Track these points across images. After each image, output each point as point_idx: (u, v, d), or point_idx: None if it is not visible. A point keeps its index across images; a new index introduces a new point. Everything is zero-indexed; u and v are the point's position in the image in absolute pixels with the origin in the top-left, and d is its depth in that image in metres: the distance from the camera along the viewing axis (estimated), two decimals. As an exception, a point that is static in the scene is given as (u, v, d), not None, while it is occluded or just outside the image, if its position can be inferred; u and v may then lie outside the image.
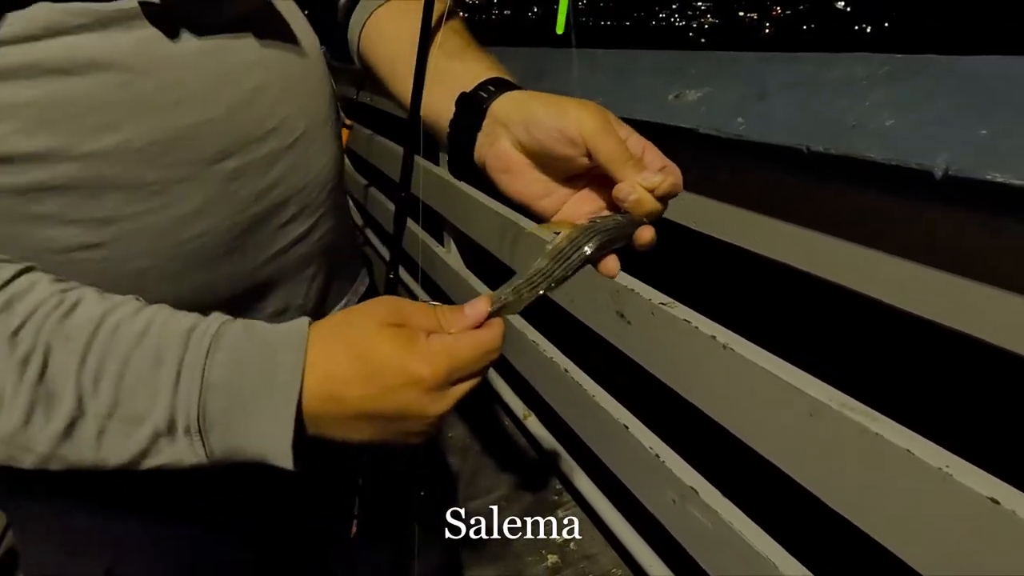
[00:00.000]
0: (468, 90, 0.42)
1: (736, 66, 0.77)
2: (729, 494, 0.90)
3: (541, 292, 0.37)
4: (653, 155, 0.39)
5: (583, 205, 0.40)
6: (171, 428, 0.31)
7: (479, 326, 0.34)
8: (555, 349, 1.29)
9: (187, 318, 0.33)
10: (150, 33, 0.36)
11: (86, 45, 0.34)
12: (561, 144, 0.37)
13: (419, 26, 0.43)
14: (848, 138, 0.55)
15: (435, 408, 0.33)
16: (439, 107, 0.44)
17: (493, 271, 1.52)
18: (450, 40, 0.46)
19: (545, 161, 0.40)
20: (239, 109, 0.39)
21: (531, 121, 0.38)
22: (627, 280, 0.98)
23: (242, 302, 0.44)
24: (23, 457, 0.31)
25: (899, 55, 0.60)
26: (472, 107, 0.41)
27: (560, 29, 0.46)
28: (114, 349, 0.30)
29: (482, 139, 0.41)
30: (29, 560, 0.50)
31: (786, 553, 0.81)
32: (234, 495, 0.49)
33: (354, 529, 0.46)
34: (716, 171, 0.76)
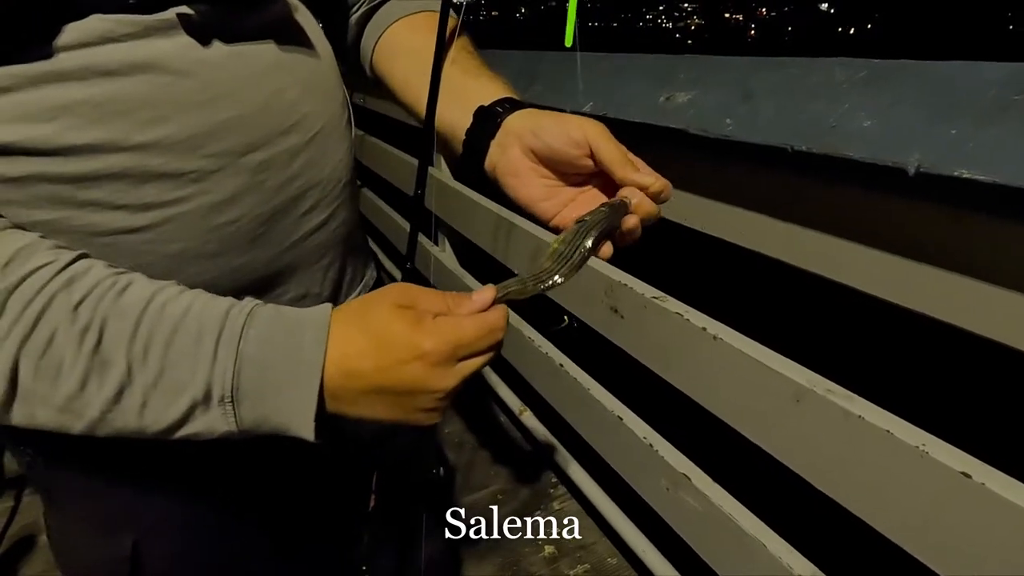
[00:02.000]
0: (486, 104, 0.47)
1: (723, 70, 0.80)
2: (720, 479, 0.94)
3: (543, 287, 0.40)
4: (644, 166, 0.44)
5: (580, 209, 0.45)
6: (207, 397, 0.34)
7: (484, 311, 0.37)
8: (550, 345, 1.32)
9: (225, 300, 0.36)
10: (186, 40, 0.39)
11: (133, 51, 0.37)
12: (568, 146, 0.43)
13: (431, 43, 0.47)
14: (828, 138, 0.59)
15: (442, 383, 0.35)
16: (454, 119, 0.49)
17: (487, 270, 1.55)
18: (465, 60, 0.51)
19: (553, 163, 0.45)
20: (264, 107, 0.43)
21: (541, 128, 0.44)
22: (620, 275, 1.02)
23: (266, 287, 0.47)
24: (74, 423, 0.34)
25: (876, 60, 0.64)
26: (489, 119, 0.46)
27: (568, 42, 0.50)
28: (162, 325, 0.34)
29: (494, 147, 0.46)
30: (58, 537, 0.52)
31: (774, 534, 0.85)
32: (256, 477, 0.51)
33: (372, 502, 0.48)
34: (705, 170, 0.80)
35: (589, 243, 0.41)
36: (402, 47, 0.56)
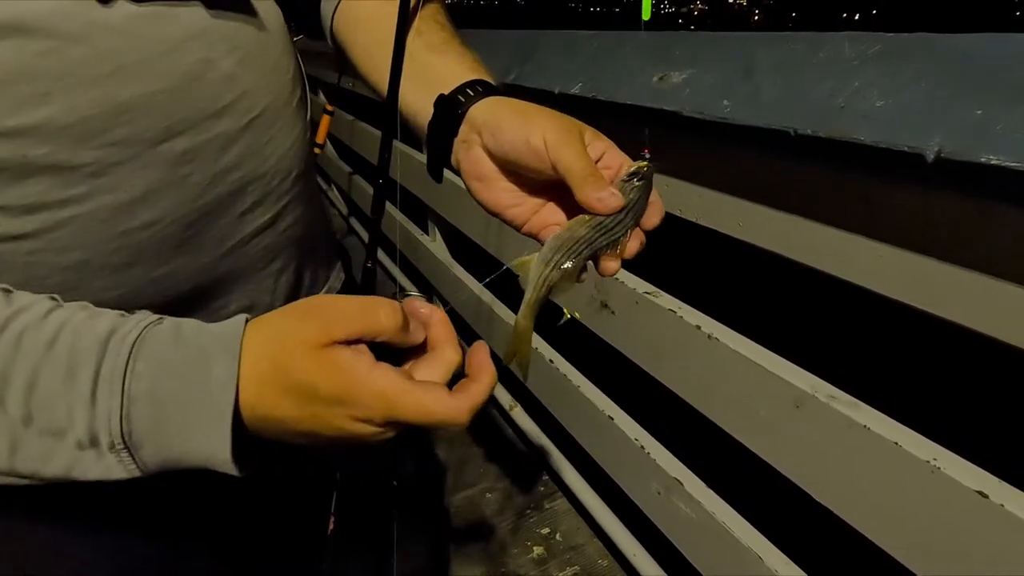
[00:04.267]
0: (447, 92, 0.40)
1: (722, 46, 0.74)
2: (713, 485, 0.89)
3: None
4: (627, 166, 0.37)
5: (553, 215, 0.39)
6: (94, 443, 0.28)
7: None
8: (540, 340, 1.27)
9: (105, 321, 0.29)
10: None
11: (5, 5, 0.30)
12: (526, 154, 0.36)
13: (395, 9, 0.40)
14: (837, 120, 0.53)
15: (378, 437, 0.30)
16: (417, 105, 0.42)
17: (478, 261, 1.49)
18: (431, 32, 0.44)
19: (512, 170, 0.38)
20: (185, 83, 0.36)
21: (498, 129, 0.37)
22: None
23: (200, 300, 0.41)
24: None
25: (889, 34, 0.58)
26: (449, 110, 0.40)
27: (646, 15, 0.43)
28: (19, 361, 0.27)
29: (458, 144, 0.40)
30: None
31: (770, 544, 0.80)
32: (199, 504, 0.46)
33: (331, 525, 0.43)
34: (702, 155, 0.74)
35: (555, 274, 0.36)
36: (363, 13, 0.48)
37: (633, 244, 0.36)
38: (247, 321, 0.30)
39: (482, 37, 1.22)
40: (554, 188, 0.38)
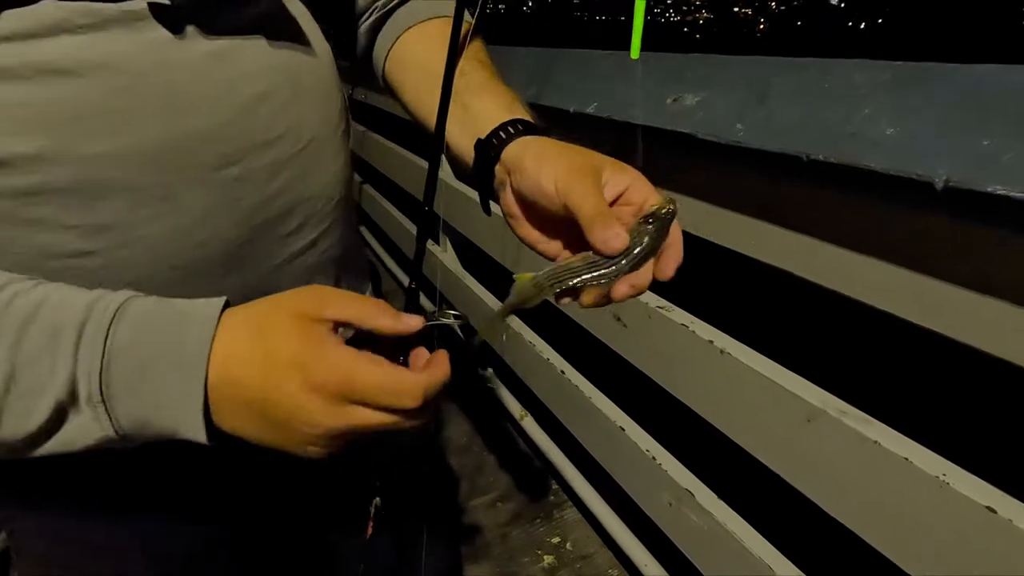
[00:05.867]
0: (483, 136, 0.42)
1: (735, 70, 0.76)
2: (724, 496, 0.90)
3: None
4: (653, 201, 0.37)
5: (577, 252, 0.39)
6: (74, 397, 0.29)
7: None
8: (552, 350, 1.29)
9: (92, 292, 0.31)
10: (157, 35, 0.35)
11: (90, 46, 0.33)
12: (540, 197, 0.37)
13: (442, 55, 0.42)
14: (847, 146, 0.55)
15: (324, 418, 0.30)
16: (461, 148, 0.45)
17: (489, 270, 1.52)
18: (473, 72, 0.45)
19: (532, 209, 0.40)
20: (244, 114, 0.38)
21: (520, 172, 0.39)
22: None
23: None
24: None
25: (900, 62, 0.60)
26: (485, 155, 0.42)
27: (635, 54, 0.44)
28: (8, 319, 0.29)
29: (496, 184, 0.42)
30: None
31: (781, 555, 0.82)
32: (224, 493, 0.48)
33: (369, 530, 0.45)
34: (716, 176, 0.76)
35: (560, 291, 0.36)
36: (413, 60, 0.51)
37: (622, 287, 0.35)
38: (227, 301, 0.32)
39: (500, 54, 1.24)
40: (578, 224, 0.40)
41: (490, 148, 0.41)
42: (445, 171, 1.70)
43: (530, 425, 1.52)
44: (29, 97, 0.32)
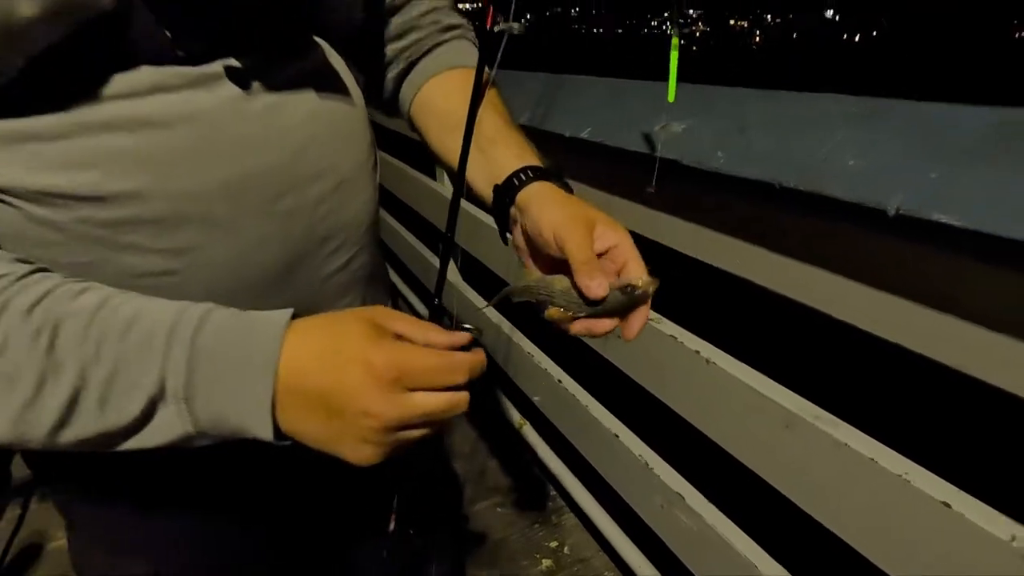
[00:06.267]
0: (500, 183, 0.48)
1: (719, 100, 0.82)
2: (713, 498, 0.95)
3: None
4: (633, 268, 0.42)
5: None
6: (162, 394, 0.33)
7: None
8: (550, 361, 1.34)
9: (181, 302, 0.36)
10: (230, 92, 0.41)
11: (179, 102, 0.39)
12: (540, 240, 0.43)
13: (462, 104, 0.48)
14: (815, 175, 0.61)
15: (382, 407, 0.33)
16: (480, 188, 0.51)
17: (492, 285, 1.57)
18: (489, 121, 0.51)
19: (535, 246, 0.46)
20: (296, 155, 0.45)
21: (527, 217, 0.45)
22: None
23: None
24: (33, 432, 0.33)
25: (866, 98, 0.66)
26: (501, 199, 0.48)
27: (672, 96, 0.50)
28: (114, 324, 0.33)
29: (511, 220, 0.48)
30: (79, 558, 0.54)
31: (765, 554, 0.86)
32: (264, 493, 0.54)
33: (392, 524, 0.49)
34: (699, 198, 0.82)
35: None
36: (436, 106, 0.57)
37: (578, 326, 0.41)
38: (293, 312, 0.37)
39: (502, 77, 1.30)
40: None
41: (505, 193, 0.47)
42: (446, 186, 1.76)
43: (530, 433, 1.57)
44: (129, 145, 0.37)
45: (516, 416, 1.60)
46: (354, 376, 0.33)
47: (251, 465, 0.49)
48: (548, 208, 0.44)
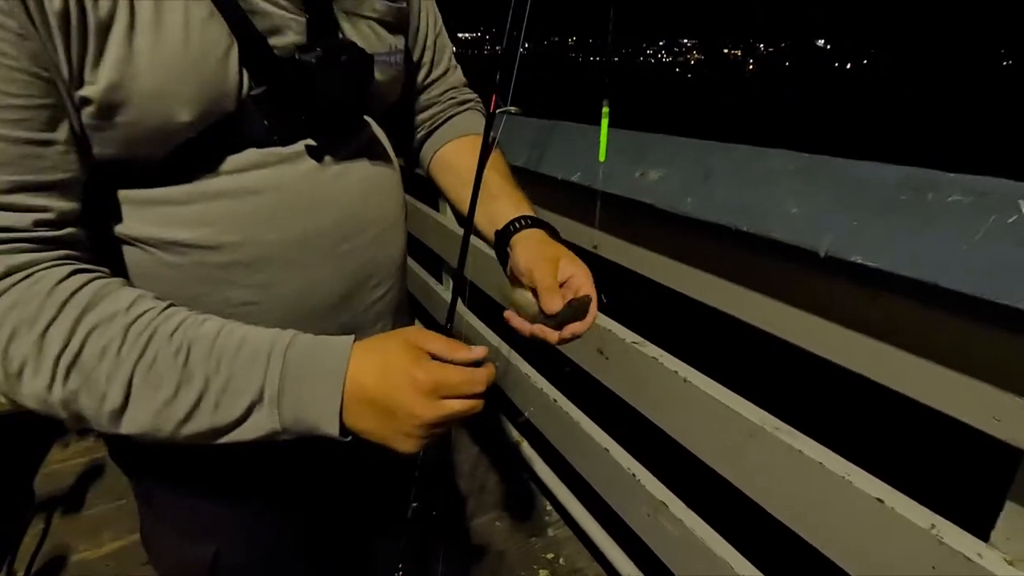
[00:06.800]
0: (500, 228, 0.62)
1: (688, 151, 0.94)
2: (693, 506, 1.05)
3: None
4: (584, 293, 0.56)
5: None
6: (261, 397, 0.42)
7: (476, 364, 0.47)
8: (545, 381, 1.44)
9: (271, 329, 0.45)
10: (308, 164, 0.53)
11: (274, 174, 0.50)
12: (518, 271, 0.58)
13: (471, 165, 0.60)
14: (763, 221, 0.73)
15: (423, 410, 0.42)
16: (485, 231, 0.65)
17: (487, 307, 1.68)
18: (492, 180, 0.64)
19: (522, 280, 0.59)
20: (354, 211, 0.57)
21: (513, 256, 0.59)
22: (606, 321, 1.14)
23: None
24: (164, 426, 0.41)
25: (808, 155, 0.78)
26: (501, 241, 0.62)
27: (602, 157, 0.64)
28: (230, 345, 0.43)
29: (508, 258, 0.62)
30: (151, 539, 0.64)
31: (742, 557, 0.96)
32: (304, 488, 0.64)
33: (411, 512, 0.59)
34: (673, 236, 0.93)
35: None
36: (451, 165, 0.72)
37: (534, 327, 0.56)
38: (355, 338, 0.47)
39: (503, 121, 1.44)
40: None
41: (504, 238, 0.61)
42: (448, 218, 1.89)
43: (527, 450, 1.66)
44: (236, 208, 0.49)
45: (514, 434, 1.70)
46: (403, 388, 0.43)
47: (295, 465, 0.60)
48: (526, 249, 0.58)
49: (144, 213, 0.47)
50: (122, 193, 0.47)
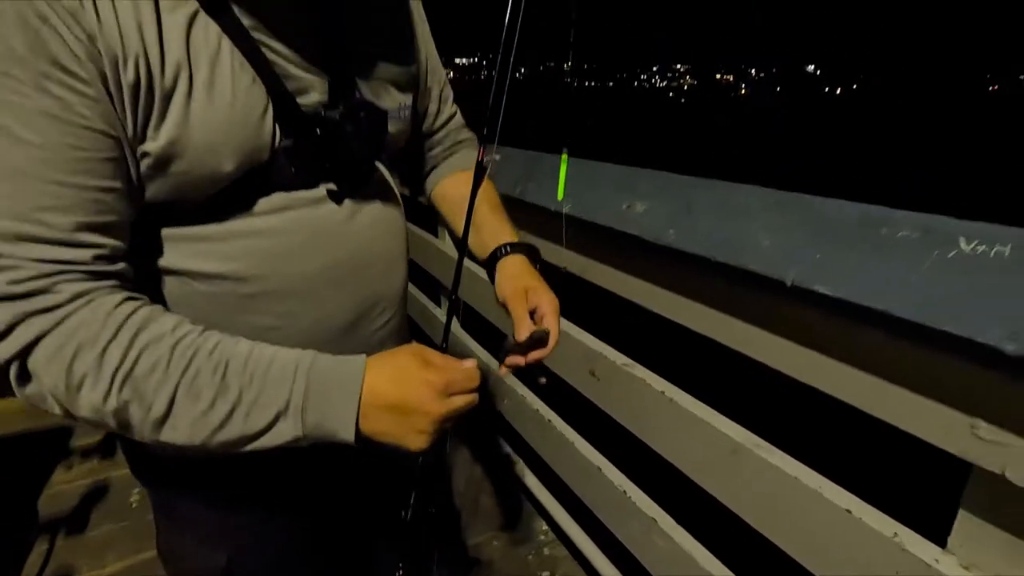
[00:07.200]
0: (487, 254, 0.70)
1: (672, 185, 1.01)
2: (680, 520, 1.09)
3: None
4: (550, 321, 0.65)
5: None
6: (287, 408, 0.48)
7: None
8: (540, 402, 1.49)
9: (295, 350, 0.51)
10: (329, 206, 0.60)
11: (298, 216, 0.57)
12: (500, 301, 0.66)
13: (467, 196, 0.66)
14: (739, 252, 0.79)
15: (436, 407, 0.49)
16: (476, 253, 0.73)
17: (484, 329, 1.73)
18: (482, 209, 0.73)
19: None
20: (367, 247, 0.63)
21: (496, 282, 0.68)
22: (598, 344, 1.20)
23: None
24: (201, 432, 0.46)
25: (781, 191, 0.85)
26: (491, 264, 0.70)
27: (560, 196, 0.72)
28: (261, 362, 0.49)
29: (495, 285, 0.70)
30: (166, 547, 0.69)
31: (727, 569, 1.00)
32: (313, 496, 0.69)
33: (409, 514, 0.64)
34: (657, 266, 1.00)
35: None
36: (450, 196, 0.81)
37: (509, 360, 0.63)
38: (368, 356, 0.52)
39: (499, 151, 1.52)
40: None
41: (491, 264, 0.69)
42: (447, 244, 1.96)
43: (522, 470, 1.70)
44: (265, 245, 0.56)
45: (511, 453, 1.74)
46: (418, 390, 0.49)
47: (306, 471, 0.65)
48: (504, 279, 0.67)
49: (184, 248, 0.54)
50: (166, 231, 0.54)
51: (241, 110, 0.50)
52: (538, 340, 0.64)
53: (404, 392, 0.49)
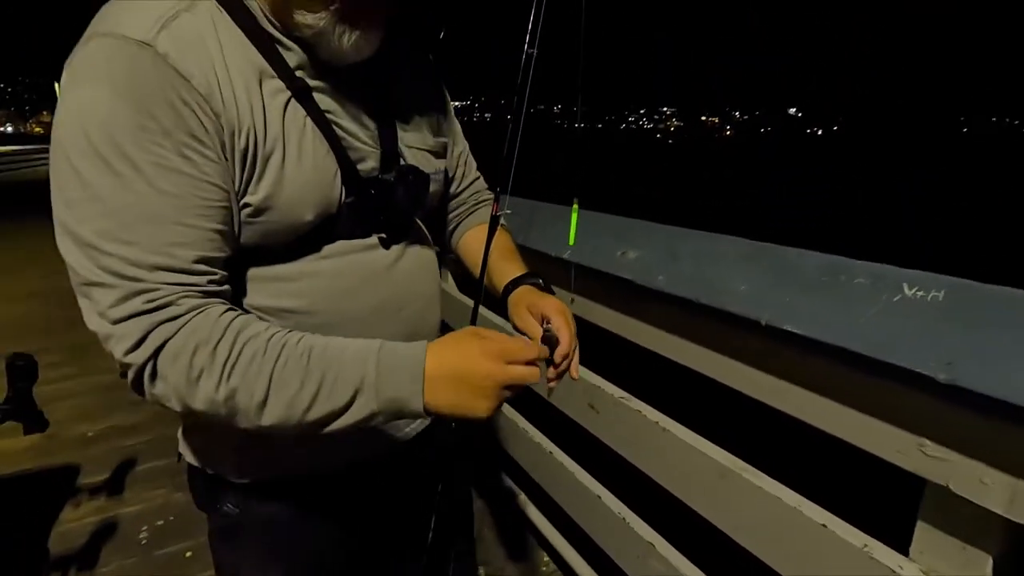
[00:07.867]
0: (501, 289, 0.80)
1: (661, 234, 1.14)
2: (675, 543, 1.17)
3: None
4: (557, 321, 0.71)
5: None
6: (362, 385, 0.54)
7: None
8: (541, 435, 1.57)
9: (366, 339, 0.58)
10: (378, 251, 0.71)
11: (356, 260, 0.68)
12: (514, 325, 0.75)
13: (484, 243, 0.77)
14: (719, 296, 0.90)
15: (495, 370, 0.55)
16: (493, 289, 0.82)
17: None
18: (497, 251, 0.83)
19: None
20: (410, 287, 0.74)
21: (509, 308, 0.77)
22: (596, 378, 1.30)
23: None
24: (292, 414, 0.53)
25: (758, 242, 0.97)
26: (505, 294, 0.79)
27: (572, 242, 0.83)
28: (335, 349, 0.56)
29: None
30: (222, 565, 0.76)
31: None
32: (364, 513, 0.78)
33: (431, 535, 0.71)
34: (648, 306, 1.11)
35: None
36: (470, 249, 0.91)
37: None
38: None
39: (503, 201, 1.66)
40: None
41: (506, 293, 0.79)
42: (449, 284, 2.07)
43: (525, 503, 1.76)
44: (326, 285, 0.66)
45: (513, 486, 1.80)
46: (479, 358, 0.56)
47: (356, 491, 0.74)
48: (512, 307, 0.76)
49: (262, 287, 0.65)
50: (249, 272, 0.64)
51: (319, 174, 0.63)
52: (549, 339, 0.68)
53: (464, 360, 0.55)
